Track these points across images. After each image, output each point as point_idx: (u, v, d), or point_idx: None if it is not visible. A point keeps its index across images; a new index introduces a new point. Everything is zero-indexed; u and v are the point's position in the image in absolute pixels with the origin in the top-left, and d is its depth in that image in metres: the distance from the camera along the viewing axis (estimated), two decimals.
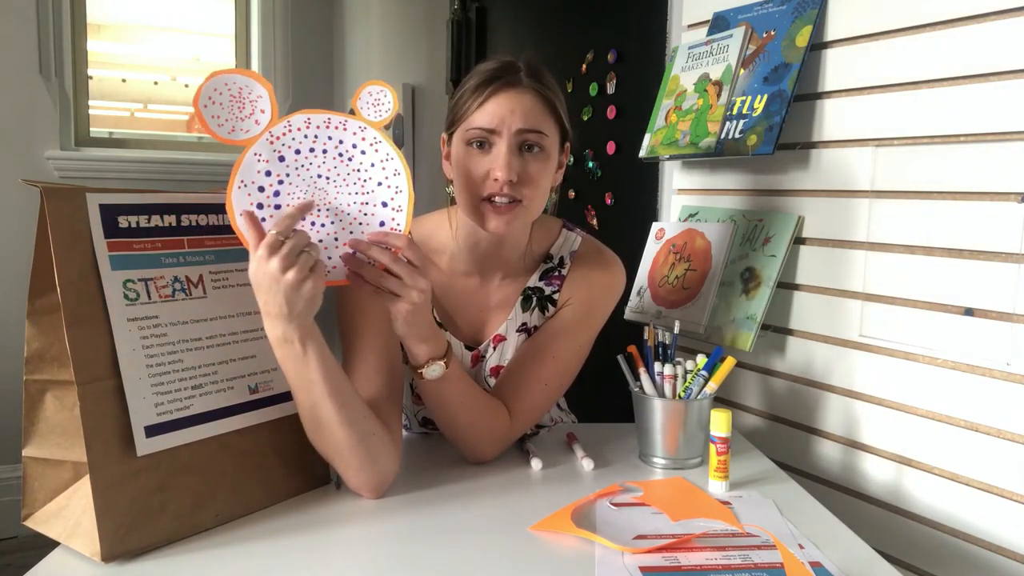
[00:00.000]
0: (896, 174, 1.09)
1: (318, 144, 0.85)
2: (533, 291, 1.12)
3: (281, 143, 0.84)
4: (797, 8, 1.22)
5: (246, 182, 0.83)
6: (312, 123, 0.84)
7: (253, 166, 0.83)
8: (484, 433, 1.04)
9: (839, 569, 0.77)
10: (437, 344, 0.96)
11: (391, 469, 0.94)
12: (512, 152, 0.98)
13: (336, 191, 0.85)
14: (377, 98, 0.86)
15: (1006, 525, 0.97)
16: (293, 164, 0.84)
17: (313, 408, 0.87)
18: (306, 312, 0.82)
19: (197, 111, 0.82)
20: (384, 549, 0.83)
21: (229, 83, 0.83)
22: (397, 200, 0.86)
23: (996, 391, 0.97)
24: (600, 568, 0.76)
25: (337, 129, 0.85)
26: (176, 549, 0.80)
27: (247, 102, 0.83)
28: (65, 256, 0.76)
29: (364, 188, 0.86)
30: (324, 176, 0.85)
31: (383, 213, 0.86)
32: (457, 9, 2.48)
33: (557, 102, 1.03)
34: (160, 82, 3.11)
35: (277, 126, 0.84)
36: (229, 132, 0.83)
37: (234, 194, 0.83)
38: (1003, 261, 0.96)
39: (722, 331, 1.27)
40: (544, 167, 1.01)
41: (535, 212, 1.04)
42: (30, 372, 0.81)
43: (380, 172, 0.86)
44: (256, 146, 0.83)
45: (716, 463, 0.98)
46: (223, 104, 0.82)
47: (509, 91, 0.99)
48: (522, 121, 0.98)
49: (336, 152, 0.85)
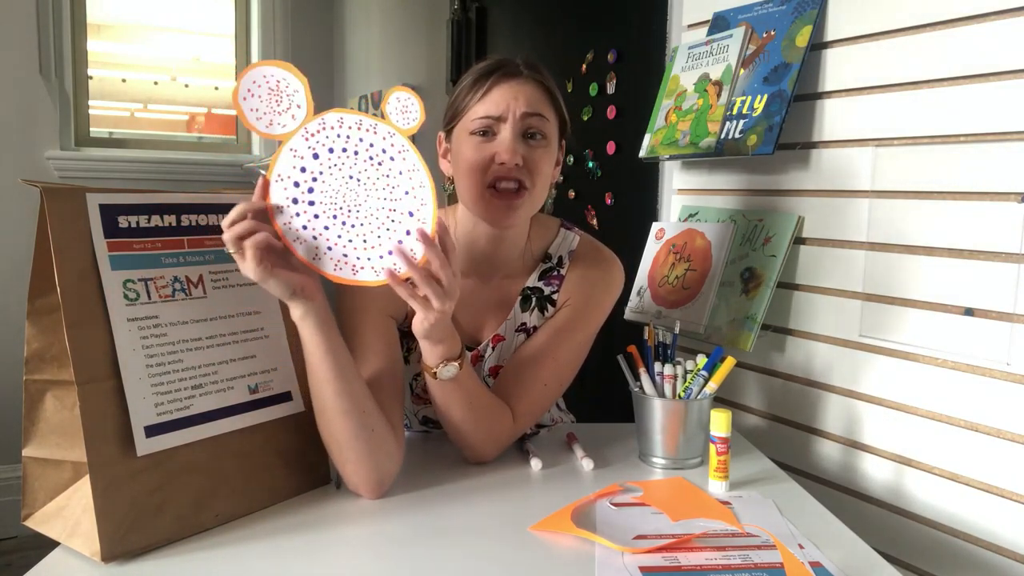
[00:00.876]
0: (896, 174, 1.09)
1: (350, 145, 0.85)
2: (532, 291, 1.12)
3: (316, 140, 0.84)
4: (797, 8, 1.22)
5: (283, 176, 0.84)
6: (345, 123, 0.85)
7: (290, 161, 0.84)
8: (488, 434, 1.04)
9: (839, 569, 0.77)
10: (453, 345, 0.96)
11: (391, 468, 0.94)
12: (517, 138, 1.00)
13: (366, 194, 0.86)
14: (405, 105, 0.86)
15: (1006, 525, 0.97)
16: (327, 163, 0.85)
17: (316, 392, 0.89)
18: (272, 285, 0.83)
19: (236, 104, 0.82)
20: (384, 549, 0.82)
21: (268, 75, 0.83)
22: (422, 213, 0.86)
23: (996, 391, 0.97)
24: (600, 568, 0.76)
25: (368, 132, 0.85)
26: (176, 549, 0.80)
27: (284, 96, 0.84)
28: (65, 256, 0.76)
29: (392, 195, 0.86)
30: (355, 178, 0.85)
31: (409, 223, 0.86)
32: (457, 9, 2.48)
33: (556, 92, 1.06)
34: (160, 82, 3.11)
35: (312, 123, 0.84)
36: (267, 126, 0.84)
37: (272, 187, 0.84)
38: (1003, 261, 0.96)
39: (722, 331, 1.27)
40: (546, 155, 1.03)
41: (537, 203, 1.05)
42: (30, 372, 0.81)
43: (407, 181, 0.86)
44: (292, 141, 0.84)
45: (716, 463, 0.98)
46: (262, 97, 0.83)
47: (510, 80, 1.02)
48: (526, 105, 1.00)
49: (367, 156, 0.86)
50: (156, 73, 3.10)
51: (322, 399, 0.89)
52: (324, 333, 0.87)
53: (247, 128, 0.82)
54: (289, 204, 0.84)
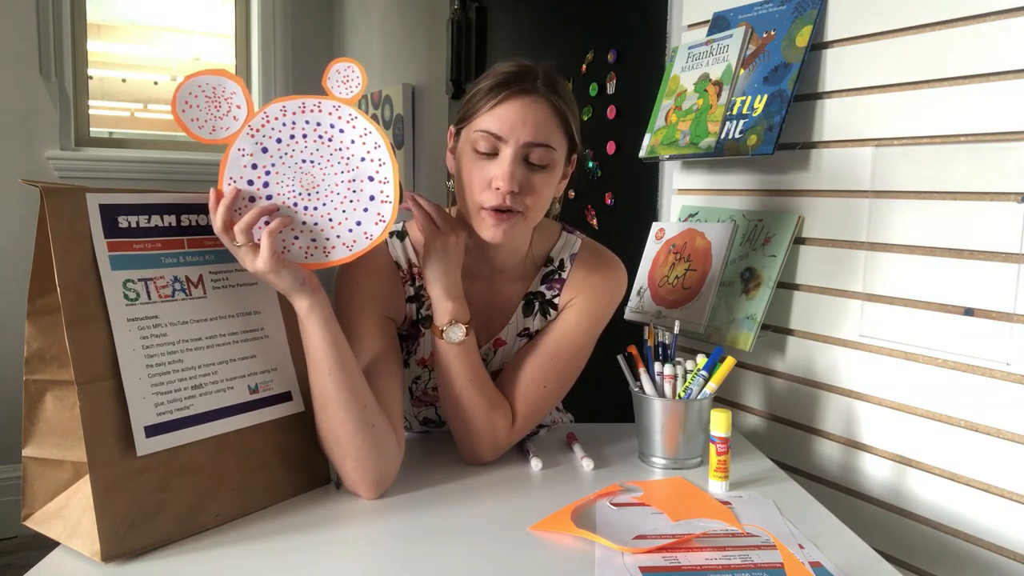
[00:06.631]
0: (896, 174, 1.09)
1: (297, 130, 0.86)
2: (535, 296, 1.12)
3: (262, 135, 0.86)
4: (797, 8, 1.22)
5: (234, 178, 0.85)
6: (287, 110, 0.86)
7: (238, 161, 0.85)
8: (486, 422, 1.02)
9: (839, 569, 0.77)
10: (462, 308, 1.00)
11: (390, 467, 0.94)
12: (516, 162, 0.97)
13: (323, 173, 0.87)
14: (346, 75, 0.88)
15: (1006, 525, 0.97)
16: (277, 154, 0.86)
17: (318, 386, 0.90)
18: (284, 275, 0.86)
19: (176, 117, 0.84)
20: (384, 549, 0.83)
21: (202, 84, 0.84)
22: (383, 172, 0.88)
23: (996, 391, 0.97)
24: (600, 568, 0.76)
25: (312, 112, 0.87)
26: (176, 549, 0.80)
27: (222, 100, 0.85)
28: (65, 256, 0.76)
29: (349, 165, 0.88)
30: (309, 160, 0.87)
31: (371, 187, 0.88)
32: (457, 9, 2.48)
33: (570, 115, 1.02)
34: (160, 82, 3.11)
35: (255, 119, 0.86)
36: (210, 132, 0.85)
37: (226, 191, 0.85)
38: (1003, 261, 0.96)
39: (722, 331, 1.27)
40: (547, 179, 1.00)
41: (534, 221, 1.03)
42: (30, 372, 0.81)
43: (361, 147, 0.88)
44: (238, 141, 0.85)
45: (716, 463, 0.98)
46: (200, 106, 0.85)
47: (523, 98, 0.98)
48: (532, 134, 0.97)
49: (316, 135, 0.87)
50: (156, 73, 3.10)
51: (324, 392, 0.89)
52: (328, 326, 0.89)
53: (193, 139, 0.84)
54: (247, 203, 0.86)
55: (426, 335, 1.10)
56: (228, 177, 0.85)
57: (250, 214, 0.84)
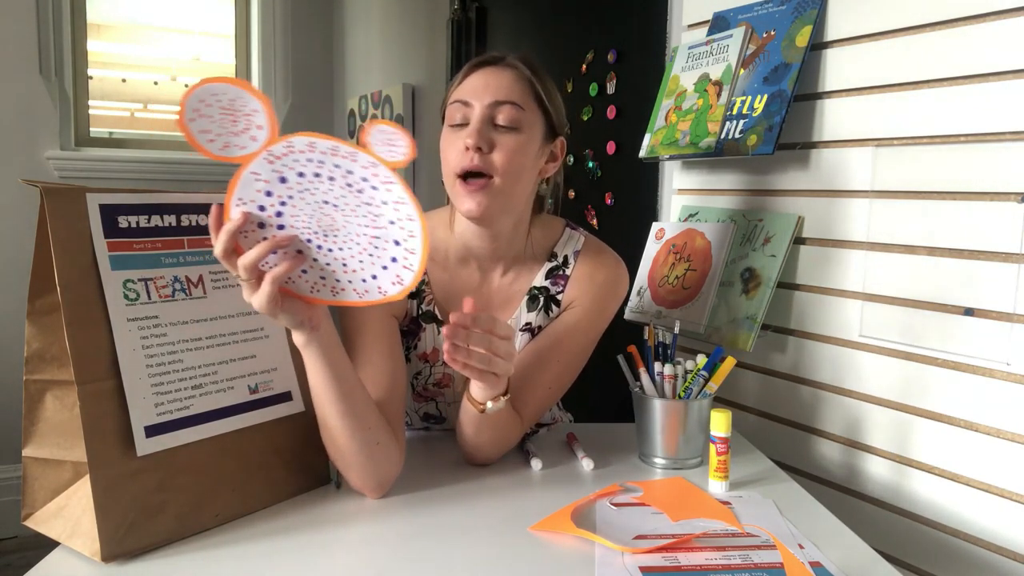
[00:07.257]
0: (896, 174, 1.09)
1: (324, 169, 0.77)
2: (539, 291, 1.12)
3: (282, 163, 0.76)
4: (797, 8, 1.22)
5: (245, 200, 0.78)
6: (316, 147, 0.76)
7: (251, 184, 0.77)
8: (503, 446, 1.05)
9: (839, 569, 0.77)
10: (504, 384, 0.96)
11: (392, 472, 0.94)
12: (483, 121, 0.98)
13: (345, 219, 0.79)
14: (391, 139, 0.77)
15: (1006, 525, 0.97)
16: (297, 187, 0.78)
17: (320, 411, 0.89)
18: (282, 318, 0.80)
19: (182, 127, 0.73)
20: (384, 549, 0.82)
21: (219, 94, 0.74)
22: (411, 244, 0.79)
23: (996, 391, 0.97)
24: (600, 568, 0.76)
25: (345, 159, 0.76)
26: (176, 549, 0.80)
27: (240, 116, 0.75)
28: (65, 256, 0.76)
29: (376, 223, 0.79)
30: (332, 204, 0.78)
31: (396, 250, 0.80)
32: (457, 9, 2.48)
33: (538, 84, 1.02)
34: (160, 82, 3.11)
35: (277, 146, 0.75)
36: (221, 148, 0.75)
37: (233, 211, 0.78)
38: (1003, 261, 0.96)
39: (722, 331, 1.27)
40: (518, 141, 0.99)
41: (510, 192, 1.00)
42: (30, 372, 0.81)
43: (393, 212, 0.78)
44: (254, 164, 0.76)
45: (716, 463, 0.98)
46: (213, 117, 0.74)
47: (488, 67, 1.02)
48: (495, 93, 0.99)
49: (345, 182, 0.77)
50: (156, 73, 3.10)
51: (325, 418, 0.89)
52: (327, 359, 0.85)
53: (201, 153, 0.75)
54: (255, 228, 0.79)
55: (427, 330, 1.10)
56: (238, 197, 0.77)
57: (256, 250, 0.77)
